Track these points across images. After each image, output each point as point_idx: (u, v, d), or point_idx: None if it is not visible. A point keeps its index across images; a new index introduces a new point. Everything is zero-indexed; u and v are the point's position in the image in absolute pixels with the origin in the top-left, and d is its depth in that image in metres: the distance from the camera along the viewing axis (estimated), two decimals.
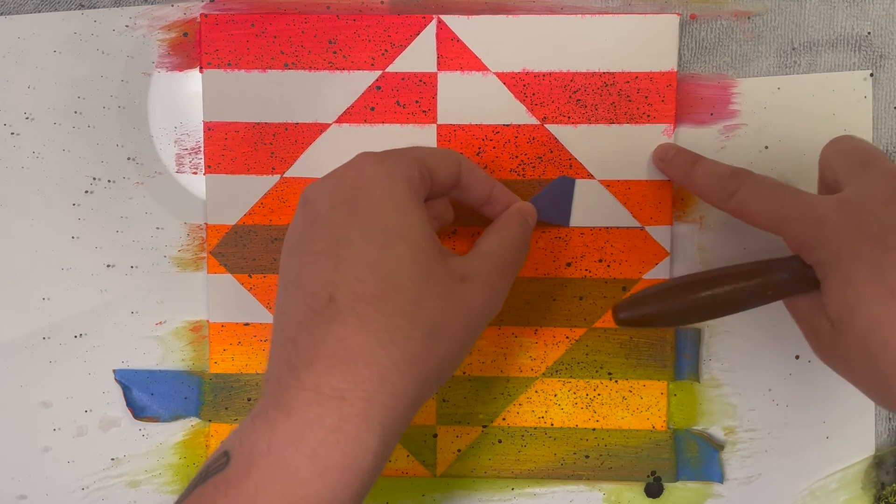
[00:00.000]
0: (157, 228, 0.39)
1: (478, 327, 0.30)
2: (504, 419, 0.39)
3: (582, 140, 0.38)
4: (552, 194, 0.38)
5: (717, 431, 0.40)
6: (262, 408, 0.27)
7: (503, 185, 0.35)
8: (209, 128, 0.38)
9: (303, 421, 0.25)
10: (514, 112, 0.38)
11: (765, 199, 0.31)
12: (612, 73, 0.38)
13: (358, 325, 0.26)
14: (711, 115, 0.38)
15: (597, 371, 0.39)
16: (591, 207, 0.38)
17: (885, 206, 0.28)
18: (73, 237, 0.39)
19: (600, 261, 0.39)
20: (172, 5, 0.38)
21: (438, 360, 0.28)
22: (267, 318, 0.39)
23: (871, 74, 0.38)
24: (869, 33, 0.38)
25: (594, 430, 0.39)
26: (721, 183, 0.33)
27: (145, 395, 0.40)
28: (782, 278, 0.30)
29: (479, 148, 0.38)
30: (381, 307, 0.27)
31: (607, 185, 0.38)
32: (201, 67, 0.38)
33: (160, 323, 0.40)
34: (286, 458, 0.25)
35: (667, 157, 0.37)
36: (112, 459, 0.40)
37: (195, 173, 0.39)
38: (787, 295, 0.31)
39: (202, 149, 0.39)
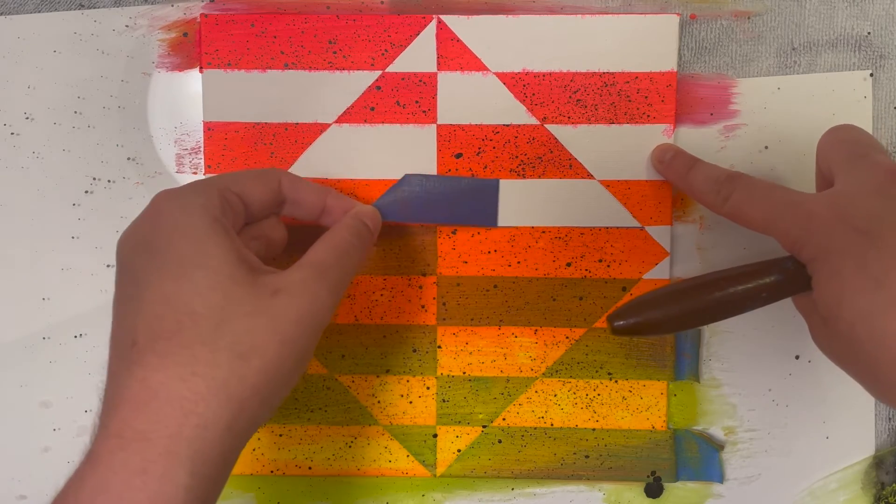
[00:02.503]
0: None
1: (300, 339, 0.28)
2: (504, 419, 0.39)
3: (582, 140, 0.38)
4: (399, 194, 0.37)
5: (717, 431, 0.40)
6: (77, 465, 0.27)
7: (339, 194, 0.35)
8: (209, 128, 0.38)
9: (108, 469, 0.25)
10: (514, 112, 0.38)
11: (757, 201, 0.31)
12: (612, 73, 0.38)
13: (157, 363, 0.26)
14: (711, 115, 0.38)
15: (597, 371, 0.39)
16: (591, 207, 0.38)
17: (872, 199, 0.28)
18: (73, 237, 0.39)
19: (600, 261, 0.39)
20: (172, 5, 0.38)
21: (253, 380, 0.27)
22: None
23: (871, 74, 0.38)
24: (869, 33, 0.38)
25: (594, 430, 0.39)
26: (716, 187, 0.33)
27: None
28: (776, 280, 0.30)
29: (479, 148, 0.38)
30: (179, 340, 0.26)
31: (607, 185, 0.38)
32: (201, 67, 0.38)
33: None
34: None
35: (665, 158, 0.37)
36: None
37: (195, 173, 0.39)
38: (782, 297, 0.30)
39: (202, 149, 0.39)
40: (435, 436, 0.40)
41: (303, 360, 0.29)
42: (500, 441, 0.40)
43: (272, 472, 0.40)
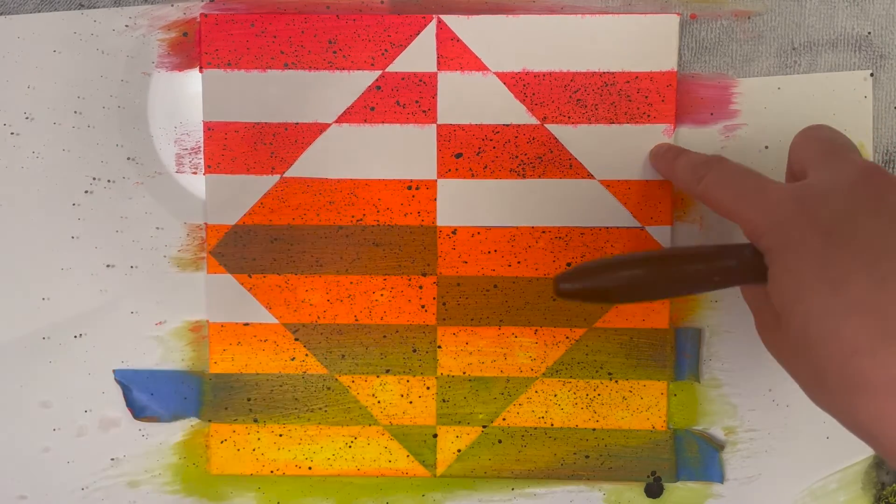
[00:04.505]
0: (157, 228, 0.39)
1: None
2: (504, 419, 0.39)
3: (582, 140, 0.38)
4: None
5: (717, 431, 0.40)
6: None
7: None
8: (209, 128, 0.38)
9: None
10: (514, 112, 0.38)
11: (727, 184, 0.30)
12: (612, 73, 0.38)
13: None
14: (711, 115, 0.38)
15: (597, 371, 0.39)
16: (591, 207, 0.38)
17: (841, 198, 0.27)
18: (73, 237, 0.39)
19: None
20: (172, 5, 0.38)
21: None
22: (267, 318, 0.39)
23: (872, 74, 0.38)
24: (869, 33, 0.38)
25: (594, 430, 0.39)
26: (693, 169, 0.32)
27: (145, 395, 0.40)
28: (730, 266, 0.29)
29: (479, 148, 0.38)
30: None
31: (607, 185, 0.38)
32: (201, 67, 0.38)
33: (160, 323, 0.40)
34: None
35: (659, 153, 0.37)
36: (112, 459, 0.40)
37: (195, 173, 0.39)
38: (735, 283, 0.29)
39: (202, 149, 0.39)
40: (435, 436, 0.40)
41: None
42: (500, 441, 0.40)
43: (272, 472, 0.40)
